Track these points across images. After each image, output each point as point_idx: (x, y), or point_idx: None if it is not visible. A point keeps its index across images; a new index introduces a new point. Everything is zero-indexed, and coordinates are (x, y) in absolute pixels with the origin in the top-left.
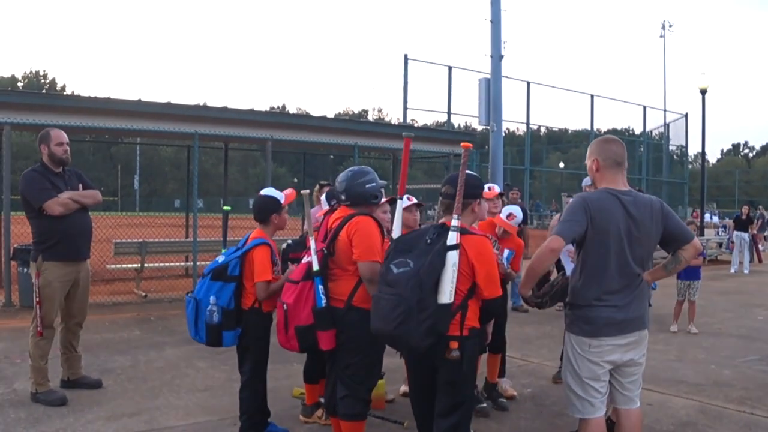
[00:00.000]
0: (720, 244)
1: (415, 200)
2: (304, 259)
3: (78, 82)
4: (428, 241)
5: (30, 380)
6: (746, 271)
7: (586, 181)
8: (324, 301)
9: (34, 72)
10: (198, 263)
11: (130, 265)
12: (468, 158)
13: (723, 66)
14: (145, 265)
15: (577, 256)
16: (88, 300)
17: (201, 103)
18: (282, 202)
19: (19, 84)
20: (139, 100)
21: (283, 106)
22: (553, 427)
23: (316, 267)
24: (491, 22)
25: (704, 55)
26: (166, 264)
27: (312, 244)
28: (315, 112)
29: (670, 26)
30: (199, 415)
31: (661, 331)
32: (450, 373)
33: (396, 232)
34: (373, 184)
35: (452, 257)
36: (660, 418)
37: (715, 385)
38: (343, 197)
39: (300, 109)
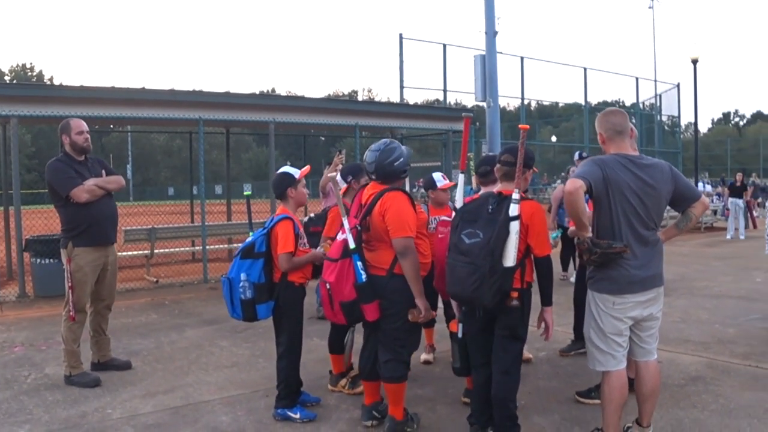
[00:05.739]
0: (714, 212)
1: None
2: (339, 237)
3: (65, 74)
4: (490, 210)
5: (63, 364)
6: (742, 237)
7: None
8: (364, 276)
9: (20, 65)
10: (207, 247)
11: (140, 252)
12: (526, 137)
13: (712, 34)
14: (155, 251)
15: (594, 216)
16: (116, 283)
17: (201, 89)
18: (296, 176)
19: (6, 78)
20: (143, 88)
21: (273, 90)
22: (571, 385)
23: (352, 245)
24: None
25: (693, 24)
26: (175, 249)
27: (345, 222)
28: (305, 95)
29: None
30: (232, 389)
31: (665, 295)
32: (509, 319)
33: (458, 202)
34: (401, 159)
35: (515, 227)
36: (671, 374)
37: (720, 342)
38: (373, 177)
39: (289, 91)
